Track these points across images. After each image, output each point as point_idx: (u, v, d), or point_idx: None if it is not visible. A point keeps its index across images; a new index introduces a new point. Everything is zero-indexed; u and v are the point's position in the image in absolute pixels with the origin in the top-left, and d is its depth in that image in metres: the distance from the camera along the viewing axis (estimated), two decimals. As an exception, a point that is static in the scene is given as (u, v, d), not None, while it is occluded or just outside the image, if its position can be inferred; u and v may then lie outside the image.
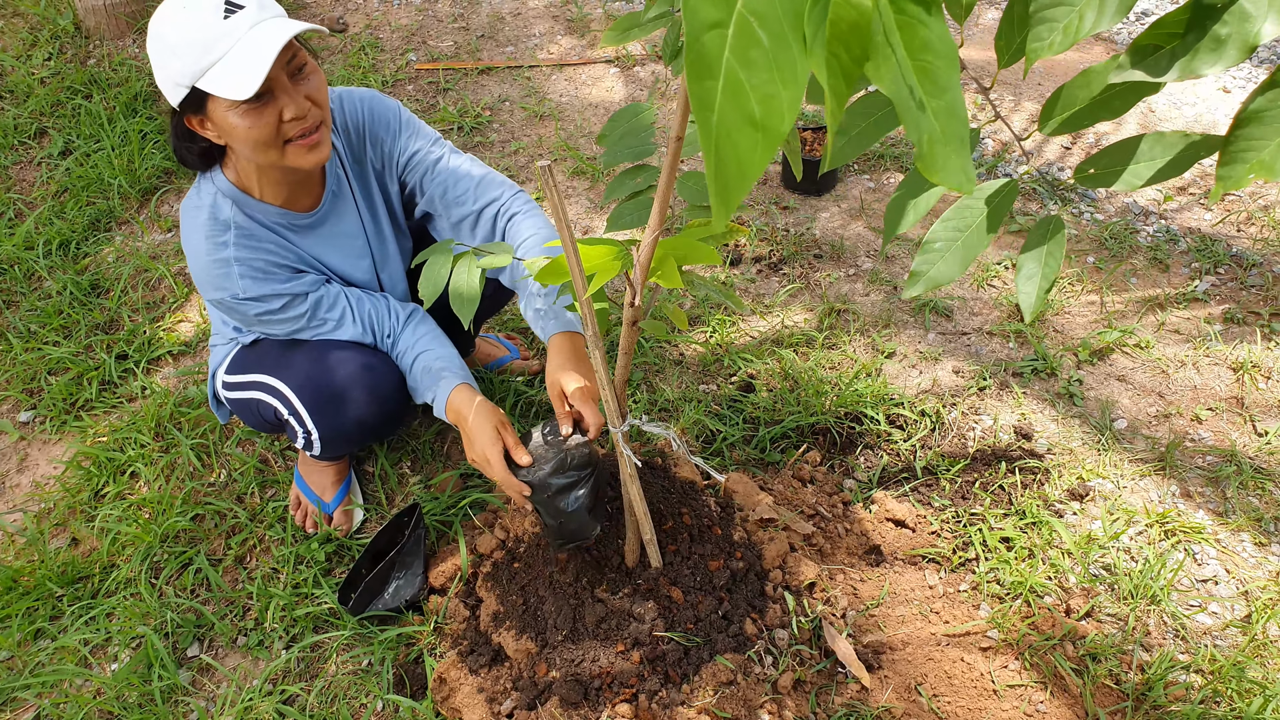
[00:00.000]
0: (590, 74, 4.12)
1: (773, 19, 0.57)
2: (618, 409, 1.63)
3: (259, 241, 1.92)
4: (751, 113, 0.58)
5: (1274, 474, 2.38)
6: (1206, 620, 2.09)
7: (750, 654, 1.93)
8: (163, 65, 1.67)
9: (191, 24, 1.62)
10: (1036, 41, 0.79)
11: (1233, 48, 0.74)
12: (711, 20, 0.57)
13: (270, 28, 1.65)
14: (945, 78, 0.62)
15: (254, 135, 1.73)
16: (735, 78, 0.57)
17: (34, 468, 2.57)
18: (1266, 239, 3.12)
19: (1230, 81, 3.98)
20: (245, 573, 2.26)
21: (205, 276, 1.91)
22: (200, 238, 1.88)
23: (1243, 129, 0.77)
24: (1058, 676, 1.96)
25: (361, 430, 2.09)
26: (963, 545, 2.24)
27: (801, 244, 3.18)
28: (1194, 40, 0.76)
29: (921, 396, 2.63)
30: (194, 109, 1.73)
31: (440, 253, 1.51)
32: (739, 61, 0.57)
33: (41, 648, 2.13)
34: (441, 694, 1.93)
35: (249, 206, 1.92)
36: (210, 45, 1.62)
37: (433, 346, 2.07)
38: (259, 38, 1.63)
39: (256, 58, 1.62)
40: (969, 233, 0.99)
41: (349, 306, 2.06)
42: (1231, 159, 0.78)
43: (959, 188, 0.65)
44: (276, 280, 1.94)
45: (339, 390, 2.01)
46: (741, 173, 0.59)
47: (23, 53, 4.17)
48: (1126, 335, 2.77)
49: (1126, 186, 0.91)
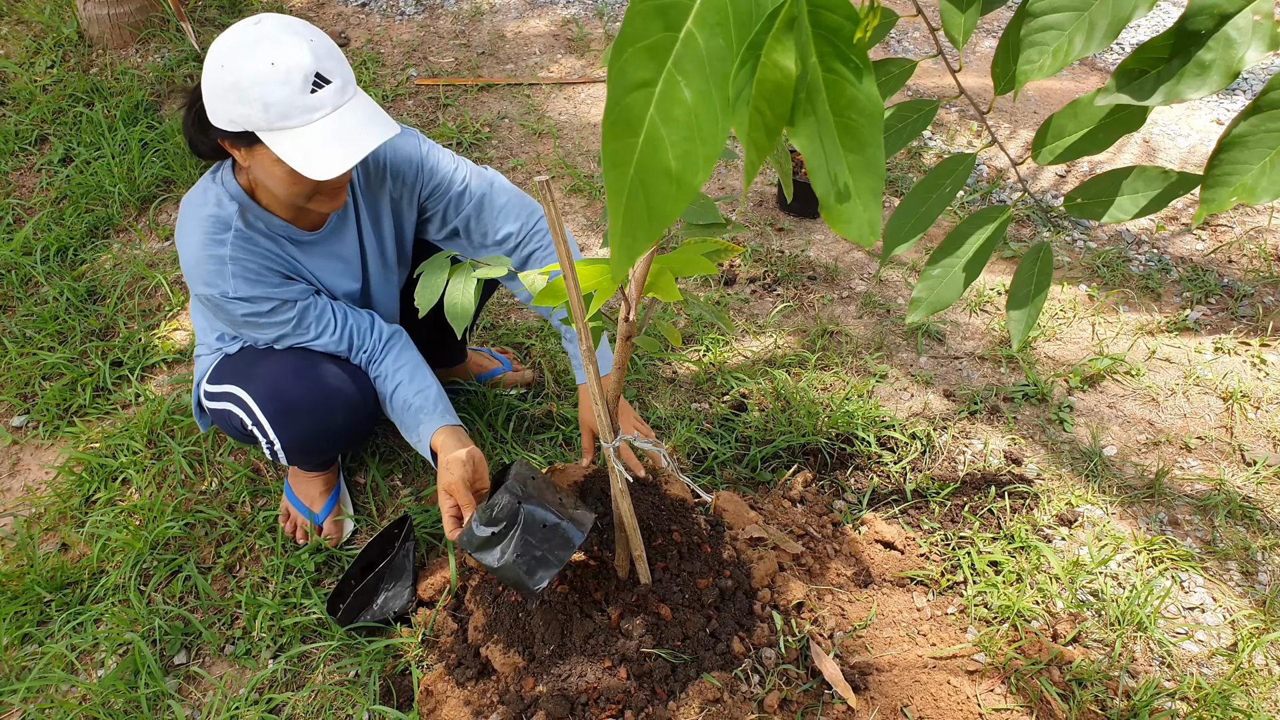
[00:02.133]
0: (590, 93, 4.15)
1: (699, 78, 0.60)
2: (610, 424, 1.64)
3: (256, 245, 1.93)
4: (668, 166, 0.61)
5: (1262, 503, 2.39)
6: (1193, 648, 2.10)
7: (737, 672, 1.93)
8: (223, 98, 1.65)
9: (273, 84, 1.61)
10: (1027, 64, 0.81)
11: (1216, 73, 0.76)
12: (639, 80, 0.60)
13: (354, 118, 1.66)
14: (868, 134, 0.65)
15: (290, 191, 1.78)
16: (656, 133, 0.60)
17: (26, 472, 2.57)
18: (1257, 270, 3.15)
19: (1224, 114, 4.02)
20: (234, 581, 2.26)
21: (197, 271, 1.90)
22: (199, 233, 1.88)
23: (1226, 153, 0.79)
24: (1043, 701, 1.97)
25: (323, 440, 2.09)
26: (951, 568, 2.25)
27: (795, 265, 3.20)
28: (1178, 65, 0.77)
29: (912, 419, 2.64)
30: (239, 141, 1.73)
31: (438, 263, 1.52)
32: (662, 118, 0.60)
33: (28, 653, 2.12)
34: (428, 706, 1.93)
35: (254, 213, 1.93)
36: (289, 114, 1.63)
37: (414, 378, 2.08)
38: (343, 127, 1.65)
39: (337, 151, 1.64)
40: (966, 259, 1.01)
41: (333, 318, 2.06)
42: (1215, 182, 0.80)
43: (860, 240, 0.69)
44: (268, 284, 1.95)
45: (297, 400, 2.01)
46: (653, 220, 0.62)
47: (26, 60, 4.19)
48: (1117, 363, 2.79)
49: (1113, 219, 0.92)
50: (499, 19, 4.69)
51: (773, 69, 0.60)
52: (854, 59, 0.63)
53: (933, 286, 1.02)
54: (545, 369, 2.81)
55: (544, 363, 2.83)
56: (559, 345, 2.89)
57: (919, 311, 1.03)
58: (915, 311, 1.03)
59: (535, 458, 2.50)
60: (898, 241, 1.01)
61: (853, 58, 0.63)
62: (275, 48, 1.62)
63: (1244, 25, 0.76)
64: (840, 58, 0.62)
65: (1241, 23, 0.76)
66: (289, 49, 1.62)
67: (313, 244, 2.04)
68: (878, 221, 0.69)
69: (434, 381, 2.10)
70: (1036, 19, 0.81)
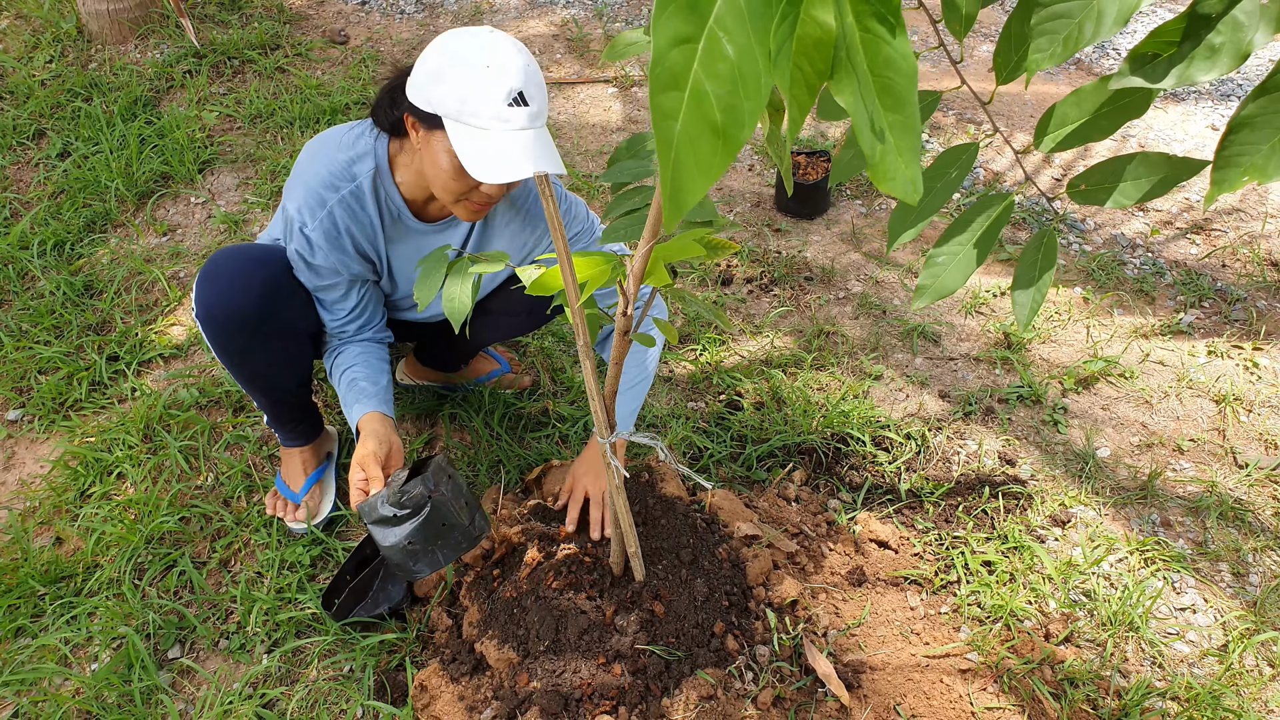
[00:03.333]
0: (589, 93, 4.16)
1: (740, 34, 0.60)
2: (606, 420, 1.65)
3: (361, 211, 1.98)
4: (714, 121, 0.61)
5: (1254, 506, 2.40)
6: (1184, 648, 2.11)
7: (731, 669, 1.94)
8: (431, 77, 1.71)
9: (480, 83, 1.67)
10: (1038, 52, 0.82)
11: (1226, 56, 0.77)
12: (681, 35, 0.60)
13: (534, 144, 1.70)
14: (904, 93, 0.65)
15: (447, 184, 1.82)
16: (701, 88, 0.61)
17: (20, 466, 2.57)
18: (1251, 274, 3.16)
19: (1219, 119, 4.03)
20: (229, 576, 2.26)
21: (300, 192, 1.95)
22: (328, 166, 1.94)
23: (1236, 134, 0.80)
24: (1035, 700, 1.97)
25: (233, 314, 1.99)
26: (945, 568, 2.25)
27: (792, 266, 3.21)
28: (1189, 48, 0.78)
29: (907, 420, 2.65)
30: (424, 121, 1.78)
31: (436, 258, 1.53)
32: (706, 74, 0.60)
33: (22, 646, 2.12)
34: (422, 701, 1.93)
35: (384, 181, 1.97)
36: (479, 112, 1.68)
37: (371, 368, 2.12)
38: (520, 146, 1.69)
39: (507, 163, 1.68)
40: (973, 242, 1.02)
41: (353, 307, 2.11)
42: (1225, 163, 0.81)
43: (905, 196, 0.69)
44: (340, 250, 1.99)
45: (222, 263, 2.00)
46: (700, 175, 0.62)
47: (24, 54, 4.19)
48: (1111, 365, 2.80)
49: (1116, 205, 0.93)
50: (498, 18, 4.70)
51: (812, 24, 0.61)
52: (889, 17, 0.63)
53: (937, 273, 1.02)
54: (541, 369, 2.82)
55: (539, 362, 2.84)
56: (556, 344, 2.89)
57: (924, 298, 1.03)
58: (920, 298, 1.04)
59: (531, 455, 2.50)
60: (904, 229, 1.02)
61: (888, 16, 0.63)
62: (496, 55, 1.68)
63: (1251, 9, 0.77)
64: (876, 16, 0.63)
65: (1249, 6, 0.77)
66: (507, 62, 1.69)
67: (414, 233, 2.07)
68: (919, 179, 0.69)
69: (387, 378, 2.15)
70: (1046, 8, 0.82)
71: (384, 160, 1.96)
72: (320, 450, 2.44)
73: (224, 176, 3.59)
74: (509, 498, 2.34)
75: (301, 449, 2.38)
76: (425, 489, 1.84)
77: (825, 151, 3.47)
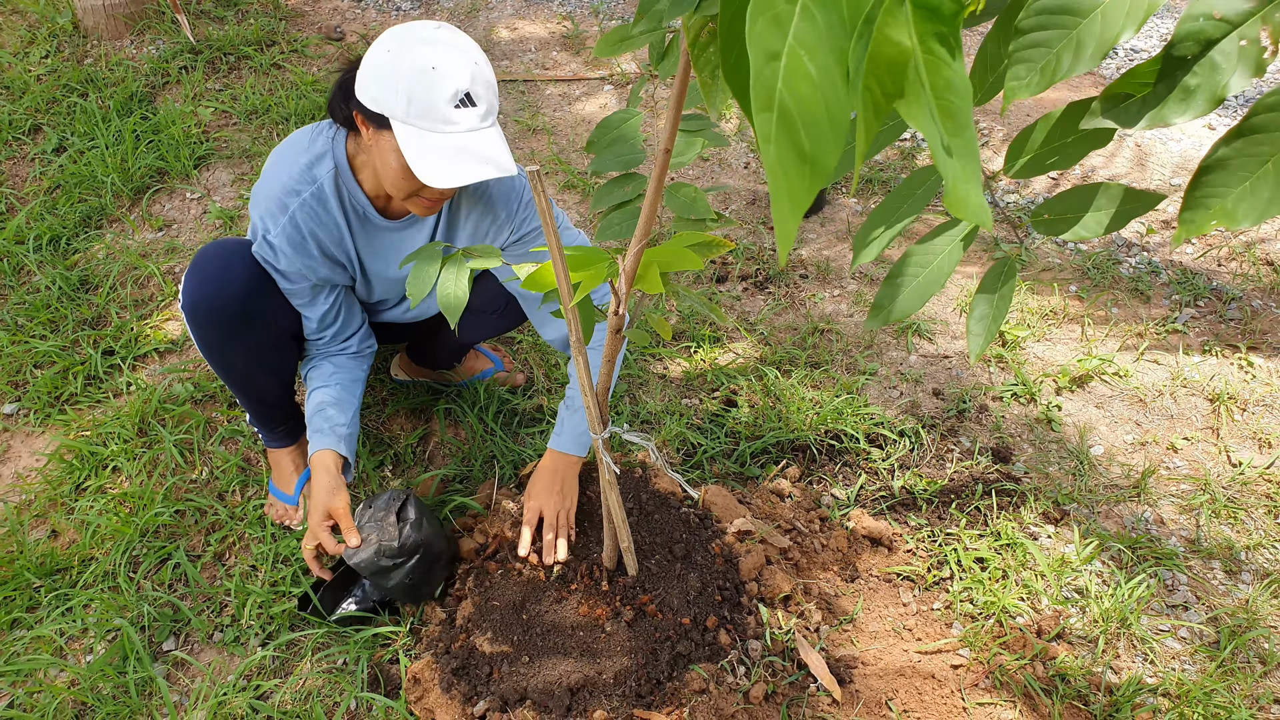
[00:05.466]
0: (584, 90, 4.16)
1: (820, 52, 0.58)
2: (599, 416, 1.65)
3: (325, 213, 1.97)
4: (802, 146, 0.59)
5: (1246, 504, 2.41)
6: (1175, 645, 2.12)
7: (723, 664, 1.94)
8: (376, 78, 1.70)
9: (425, 85, 1.66)
10: (1015, 80, 0.81)
11: (1201, 99, 0.77)
12: (771, 51, 0.57)
13: (482, 146, 1.70)
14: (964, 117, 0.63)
15: (397, 182, 1.81)
16: (787, 109, 0.58)
17: (16, 459, 2.57)
18: (1246, 274, 3.17)
19: (1214, 118, 4.04)
20: (224, 569, 2.27)
21: (263, 197, 1.96)
22: (286, 172, 1.94)
23: (1207, 176, 0.79)
24: (1027, 696, 1.98)
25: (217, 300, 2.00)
26: (937, 564, 2.26)
27: (787, 264, 3.21)
28: (1164, 90, 0.78)
29: (901, 417, 2.66)
30: (371, 120, 1.78)
31: (428, 254, 1.53)
32: (789, 94, 0.58)
33: (17, 637, 2.12)
34: (415, 694, 1.94)
35: (345, 181, 1.97)
36: (427, 114, 1.68)
37: (342, 394, 2.14)
38: (468, 148, 1.69)
39: (453, 166, 1.68)
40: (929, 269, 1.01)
41: (326, 309, 2.12)
42: (1195, 204, 0.80)
43: (981, 222, 0.66)
44: (304, 254, 1.99)
45: (209, 254, 2.02)
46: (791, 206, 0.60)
47: (20, 50, 4.18)
48: (1106, 363, 2.81)
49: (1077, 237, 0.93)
50: (494, 15, 4.70)
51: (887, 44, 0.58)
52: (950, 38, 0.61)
53: (893, 296, 1.02)
54: (535, 365, 2.82)
55: (533, 359, 2.84)
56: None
57: (878, 319, 1.03)
58: (875, 318, 1.03)
59: (526, 451, 2.50)
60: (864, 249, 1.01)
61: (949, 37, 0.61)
62: (442, 56, 1.67)
63: (1230, 50, 0.76)
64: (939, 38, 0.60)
65: (1227, 48, 0.76)
66: (453, 62, 1.68)
67: (380, 230, 2.07)
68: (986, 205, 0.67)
69: (354, 409, 2.17)
70: (1025, 35, 0.80)
71: (343, 159, 1.95)
72: (306, 449, 2.44)
73: (219, 172, 3.59)
74: (503, 493, 2.34)
75: (288, 449, 2.38)
76: (417, 535, 2.00)
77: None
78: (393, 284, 2.19)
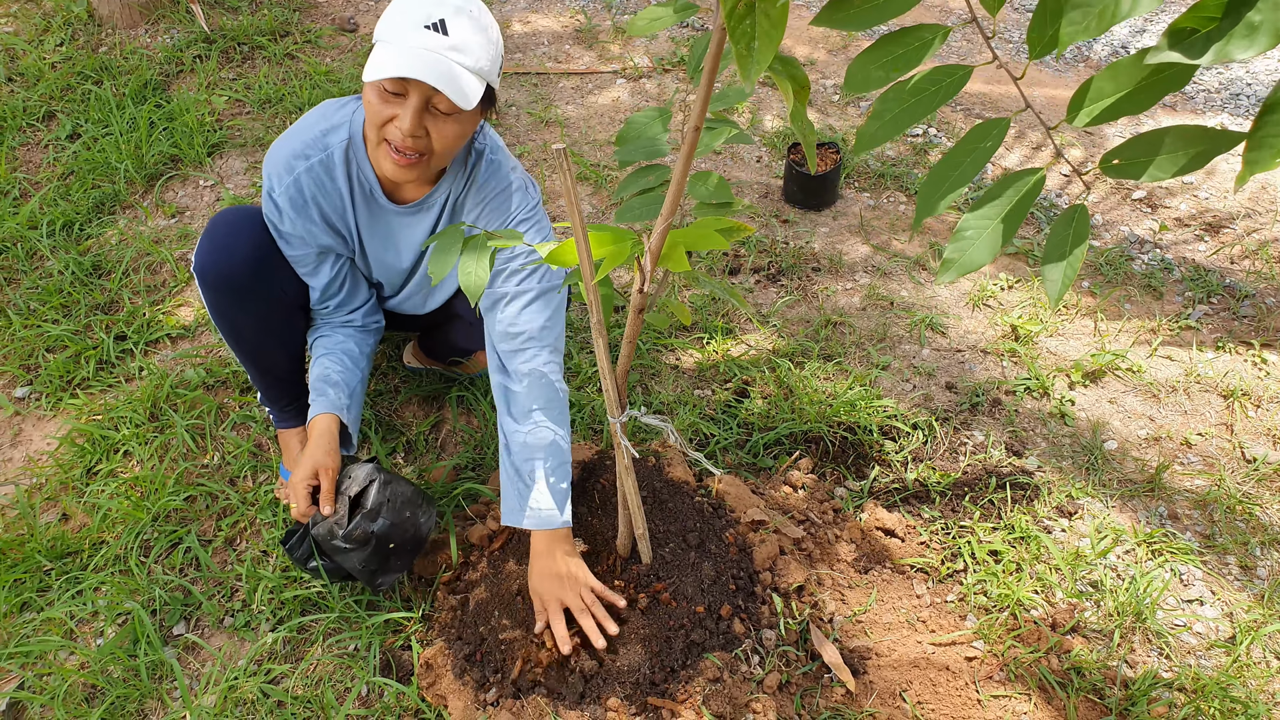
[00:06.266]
0: (597, 83, 4.16)
1: None
2: (617, 399, 1.65)
3: (329, 182, 1.97)
4: None
5: (1261, 500, 2.40)
6: (1191, 640, 2.11)
7: (738, 653, 1.94)
8: (381, 20, 1.76)
9: (405, 10, 1.71)
10: (1071, 25, 0.80)
11: (1264, 34, 0.76)
12: None
13: (437, 63, 1.69)
14: None
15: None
16: None
17: (28, 443, 2.57)
18: (1259, 271, 3.16)
19: (1227, 119, 4.03)
20: (235, 554, 2.26)
21: (276, 157, 1.97)
22: (301, 138, 1.95)
23: (1271, 115, 0.79)
24: (1042, 689, 1.97)
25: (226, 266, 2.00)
26: (951, 556, 2.25)
27: (800, 257, 3.21)
28: (1229, 25, 0.77)
29: (914, 410, 2.65)
30: None
31: (452, 233, 1.52)
32: None
33: (27, 620, 2.12)
34: (427, 680, 1.93)
35: (357, 153, 1.97)
36: (394, 29, 1.71)
37: (339, 364, 2.13)
38: (420, 59, 1.69)
39: (395, 62, 1.68)
40: (996, 221, 1.01)
41: (330, 277, 2.12)
42: (1259, 144, 0.80)
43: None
44: (306, 218, 2.00)
45: (219, 220, 2.03)
46: None
47: (35, 38, 4.19)
48: (1119, 359, 2.80)
49: (1152, 178, 0.92)
50: (508, 9, 4.69)
51: None
52: None
53: (964, 247, 1.01)
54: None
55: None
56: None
57: (950, 272, 1.02)
58: (946, 272, 1.02)
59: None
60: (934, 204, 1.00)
61: None
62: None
63: None
64: None
65: None
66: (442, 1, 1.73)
67: (385, 212, 2.05)
68: None
69: (359, 377, 2.16)
70: None
71: (359, 133, 1.95)
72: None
73: (233, 160, 3.59)
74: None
75: (297, 430, 2.37)
76: (368, 526, 1.92)
77: (834, 144, 3.47)
78: (390, 271, 2.18)
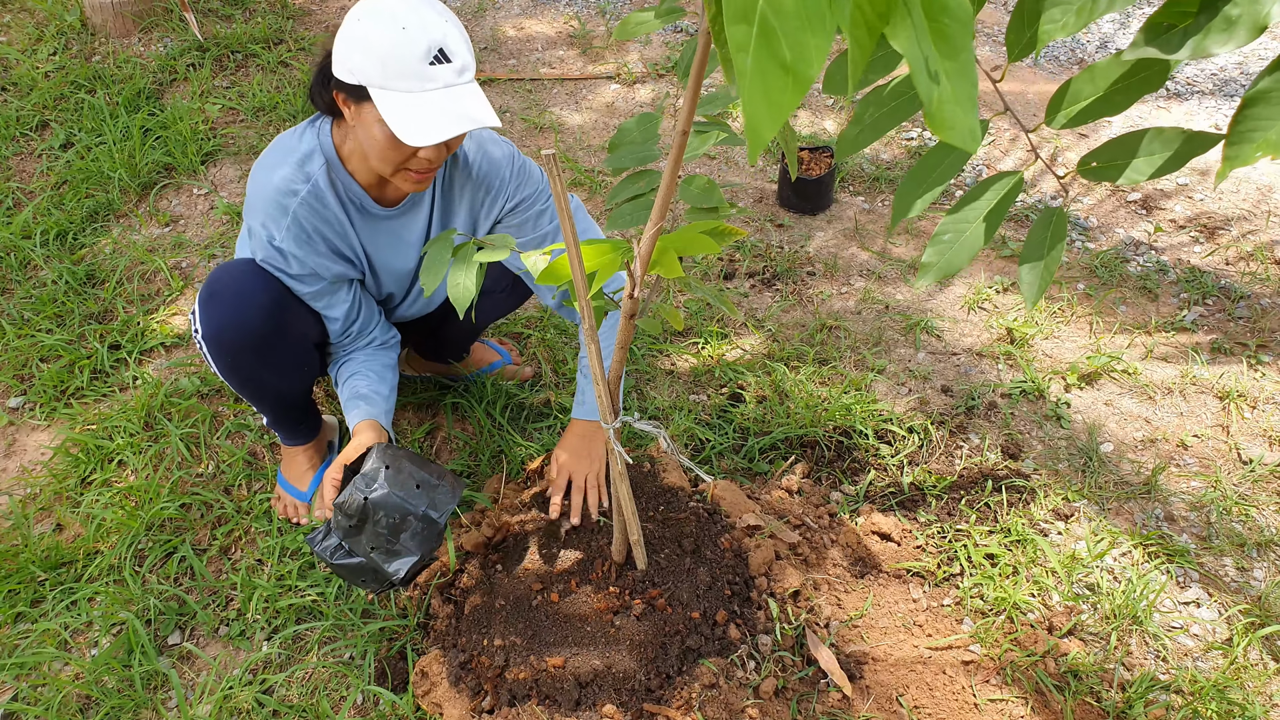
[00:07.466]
0: (590, 88, 4.16)
1: None
2: (610, 405, 1.64)
3: (324, 209, 1.95)
4: (783, 57, 0.61)
5: (1258, 501, 2.40)
6: (1188, 642, 2.10)
7: (733, 658, 1.93)
8: (350, 52, 1.69)
9: (398, 45, 1.65)
10: (1050, 24, 0.81)
11: (1242, 28, 0.76)
12: None
13: (461, 101, 1.68)
14: (960, 41, 0.64)
15: (384, 154, 1.78)
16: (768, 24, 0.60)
17: (22, 453, 2.56)
18: (1255, 273, 3.16)
19: (1222, 120, 4.03)
20: (230, 563, 2.26)
21: (260, 204, 1.93)
22: (280, 170, 1.91)
23: (1250, 109, 0.79)
24: (1039, 692, 1.97)
25: (239, 334, 1.98)
26: (947, 560, 2.25)
27: (795, 261, 3.21)
28: (1206, 20, 0.77)
29: (910, 414, 2.65)
30: (351, 95, 1.76)
31: (442, 243, 1.52)
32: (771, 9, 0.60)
33: (22, 631, 2.12)
34: (423, 688, 1.92)
35: (337, 173, 1.94)
36: (404, 75, 1.66)
37: (373, 380, 2.11)
38: (448, 105, 1.67)
39: (435, 123, 1.66)
40: (977, 222, 1.01)
41: (348, 307, 2.09)
42: (1239, 138, 0.80)
43: (964, 144, 0.67)
44: (313, 250, 1.97)
45: (221, 289, 1.98)
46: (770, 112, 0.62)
47: (28, 47, 4.19)
48: (1114, 361, 2.80)
49: (1129, 181, 0.92)
50: (501, 15, 4.70)
51: None
52: None
53: (943, 250, 1.01)
54: (543, 359, 2.81)
55: (541, 353, 2.83)
56: (558, 336, 2.89)
57: (929, 276, 1.02)
58: (925, 276, 1.02)
59: (533, 445, 2.49)
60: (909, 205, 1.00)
61: None
62: (412, 15, 1.66)
63: None
64: None
65: None
66: (423, 20, 1.67)
67: (380, 219, 2.04)
68: (977, 128, 0.68)
69: (390, 385, 2.15)
70: None
71: (332, 152, 1.93)
72: (323, 444, 2.43)
73: (226, 168, 3.59)
74: (511, 487, 2.33)
75: (304, 447, 2.36)
76: (362, 492, 1.78)
77: (828, 147, 3.47)
78: (399, 276, 2.18)
